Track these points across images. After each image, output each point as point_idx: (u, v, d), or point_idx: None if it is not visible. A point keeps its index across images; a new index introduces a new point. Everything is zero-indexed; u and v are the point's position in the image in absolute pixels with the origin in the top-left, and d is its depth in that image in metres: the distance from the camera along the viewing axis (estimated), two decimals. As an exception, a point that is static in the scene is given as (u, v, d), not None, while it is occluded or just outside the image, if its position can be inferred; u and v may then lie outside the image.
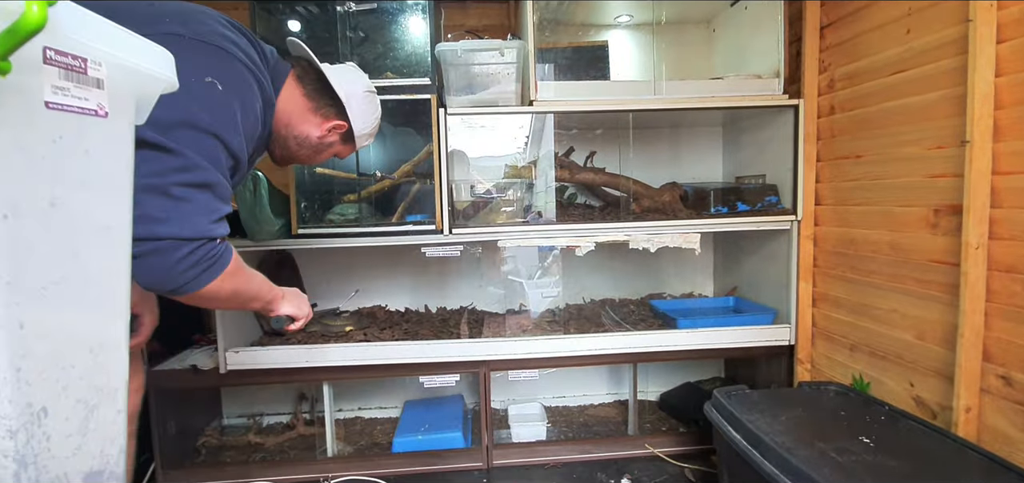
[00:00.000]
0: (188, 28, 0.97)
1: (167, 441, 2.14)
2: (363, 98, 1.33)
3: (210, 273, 0.99)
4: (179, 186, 0.92)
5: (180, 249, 0.93)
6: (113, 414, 0.51)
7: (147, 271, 0.92)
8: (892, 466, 1.27)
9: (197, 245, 0.96)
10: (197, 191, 0.95)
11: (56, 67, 0.41)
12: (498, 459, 2.16)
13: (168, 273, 0.93)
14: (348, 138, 1.35)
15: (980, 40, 1.41)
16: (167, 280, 0.94)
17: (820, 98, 2.10)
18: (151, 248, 0.90)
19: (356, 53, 2.07)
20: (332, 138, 1.32)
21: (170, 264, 0.93)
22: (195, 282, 0.97)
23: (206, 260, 0.98)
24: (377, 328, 2.29)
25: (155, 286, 0.95)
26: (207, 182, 0.96)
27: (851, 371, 1.95)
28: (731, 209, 2.20)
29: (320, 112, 1.28)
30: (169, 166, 0.91)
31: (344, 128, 1.32)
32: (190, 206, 0.94)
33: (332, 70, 1.29)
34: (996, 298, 1.43)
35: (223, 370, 2.05)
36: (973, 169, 1.44)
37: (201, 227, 0.96)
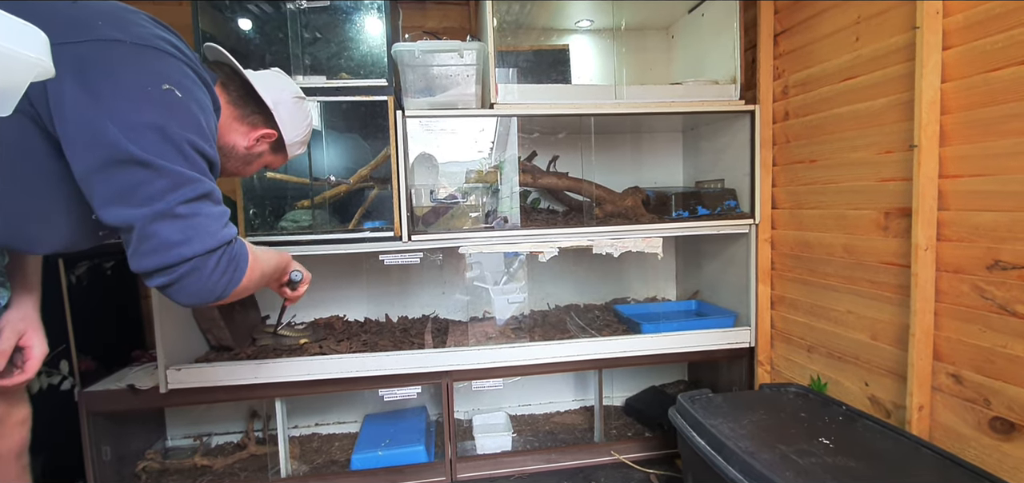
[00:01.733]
0: (127, 32, 0.89)
1: (102, 468, 1.98)
2: (292, 104, 1.27)
3: (240, 271, 1.01)
4: (182, 204, 0.91)
5: (209, 261, 0.95)
6: None
7: (188, 292, 0.95)
8: (851, 467, 1.28)
9: (221, 252, 0.97)
10: (199, 204, 0.94)
11: None
12: (462, 472, 2.10)
13: (207, 286, 0.96)
14: (278, 147, 1.29)
15: (927, 47, 1.45)
16: (208, 293, 0.97)
17: (775, 104, 2.14)
18: (187, 269, 0.92)
19: (308, 53, 1.98)
20: (261, 148, 1.25)
21: (206, 277, 0.95)
22: (231, 284, 1.00)
23: (233, 261, 1.00)
24: (334, 340, 2.19)
25: (197, 302, 0.98)
26: (202, 193, 0.95)
27: (809, 372, 1.98)
28: (692, 213, 2.22)
29: (247, 121, 1.21)
30: (162, 187, 0.89)
31: (273, 137, 1.25)
32: (201, 219, 0.94)
33: (257, 76, 1.22)
34: (945, 298, 1.47)
35: (164, 389, 1.91)
36: (921, 173, 1.48)
37: (219, 234, 0.97)
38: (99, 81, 0.84)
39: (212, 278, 0.96)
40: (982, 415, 1.38)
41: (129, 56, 0.88)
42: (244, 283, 1.03)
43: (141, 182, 0.87)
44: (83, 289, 2.07)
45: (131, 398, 1.95)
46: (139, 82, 0.88)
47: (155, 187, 0.88)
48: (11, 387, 1.05)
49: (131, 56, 0.88)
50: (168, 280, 0.92)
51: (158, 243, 0.89)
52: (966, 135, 1.41)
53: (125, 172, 0.86)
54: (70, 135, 0.84)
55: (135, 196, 0.87)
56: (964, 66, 1.41)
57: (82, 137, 0.84)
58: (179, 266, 0.91)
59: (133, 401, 1.95)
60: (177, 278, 0.92)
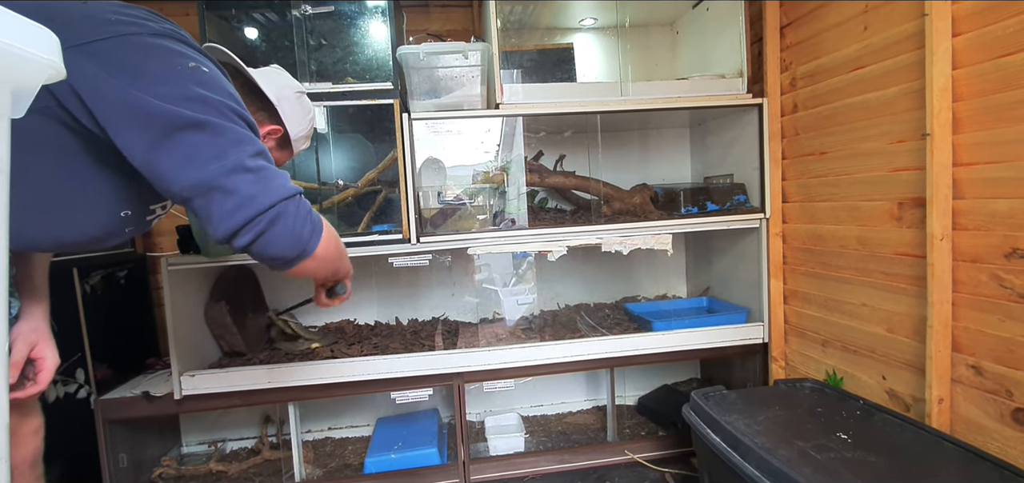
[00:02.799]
0: (142, 27, 0.89)
1: (119, 475, 2.00)
2: (294, 99, 1.27)
3: (318, 223, 0.97)
4: (250, 158, 0.88)
5: (290, 206, 0.91)
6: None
7: (278, 240, 0.90)
8: (871, 461, 1.26)
9: (298, 200, 0.94)
10: (261, 158, 0.91)
11: None
12: (475, 474, 2.10)
13: (295, 233, 0.92)
14: (284, 143, 1.28)
15: (937, 34, 1.43)
16: (296, 241, 0.92)
17: (783, 96, 2.12)
18: (274, 215, 0.88)
19: (314, 58, 1.99)
20: (267, 144, 1.24)
21: (292, 224, 0.91)
22: (314, 234, 0.96)
23: (309, 212, 0.96)
24: (345, 343, 2.19)
25: (287, 252, 0.92)
26: (260, 149, 0.92)
27: (824, 366, 1.96)
28: (701, 209, 2.20)
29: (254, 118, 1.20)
30: (225, 144, 0.87)
31: (279, 132, 1.25)
32: (269, 171, 0.91)
33: (259, 73, 1.22)
34: (963, 288, 1.44)
35: (178, 396, 1.92)
36: (934, 161, 1.46)
37: (288, 184, 0.93)
38: (133, 67, 0.83)
39: (297, 224, 0.92)
40: (1004, 406, 1.35)
41: (151, 44, 0.88)
42: (325, 240, 0.98)
43: (204, 143, 0.85)
44: (97, 298, 2.09)
45: (146, 405, 1.96)
46: (169, 63, 0.87)
47: (219, 145, 0.86)
48: (25, 399, 1.05)
49: (153, 44, 0.88)
50: (256, 233, 0.88)
51: (241, 198, 0.86)
52: (979, 121, 1.39)
53: (186, 136, 0.84)
54: (120, 122, 0.83)
55: (203, 156, 0.85)
56: (975, 52, 1.39)
57: (133, 119, 0.83)
58: (265, 214, 0.87)
59: (148, 408, 1.97)
60: (265, 228, 0.88)
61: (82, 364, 2.01)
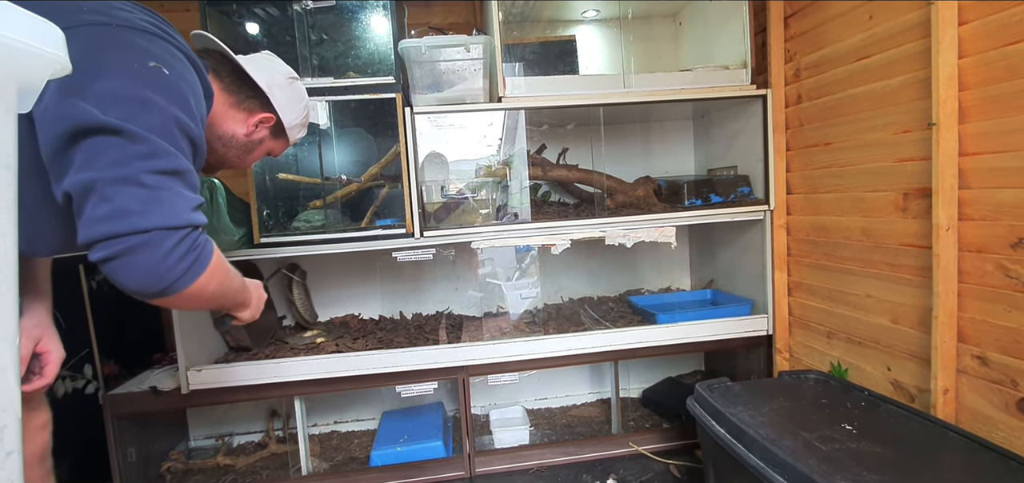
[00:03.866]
0: (111, 16, 0.87)
1: (127, 469, 2.02)
2: (286, 86, 1.23)
3: (199, 265, 0.90)
4: (150, 174, 0.83)
5: (168, 239, 0.84)
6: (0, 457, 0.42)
7: (135, 270, 0.82)
8: (877, 452, 1.26)
9: (184, 234, 0.87)
10: (169, 179, 0.86)
11: None
12: (481, 466, 2.11)
13: (158, 269, 0.84)
14: (278, 131, 1.26)
15: (942, 22, 1.42)
16: (157, 278, 0.85)
17: (787, 87, 2.11)
18: (139, 242, 0.81)
19: (316, 53, 1.99)
20: (261, 133, 1.22)
21: (160, 258, 0.84)
22: (186, 277, 0.88)
23: (193, 250, 0.89)
24: (350, 338, 2.20)
25: (142, 287, 0.85)
26: (177, 169, 0.87)
27: (829, 358, 1.95)
28: (705, 201, 2.20)
29: (243, 106, 1.18)
30: (133, 153, 0.82)
31: (272, 120, 1.22)
32: (168, 194, 0.85)
33: (248, 60, 1.19)
34: (968, 279, 1.44)
35: (185, 390, 1.94)
36: (940, 151, 1.45)
37: (185, 214, 0.87)
38: (83, 62, 0.78)
39: (168, 261, 0.84)
40: (1010, 397, 1.35)
41: (115, 37, 0.85)
42: (202, 283, 0.92)
43: (110, 147, 0.80)
44: (104, 295, 2.11)
45: (153, 400, 1.98)
46: (125, 61, 0.84)
47: (125, 152, 0.81)
48: (31, 393, 1.06)
49: (117, 37, 0.85)
50: (113, 252, 0.81)
51: (113, 209, 0.80)
52: (986, 111, 1.38)
53: (92, 140, 0.79)
54: (43, 116, 0.80)
55: (100, 160, 0.80)
56: (981, 40, 1.38)
57: (53, 115, 0.79)
58: (130, 237, 0.80)
59: (155, 403, 1.98)
60: (124, 250, 0.81)
61: (90, 360, 2.02)
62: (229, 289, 1.06)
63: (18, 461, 0.41)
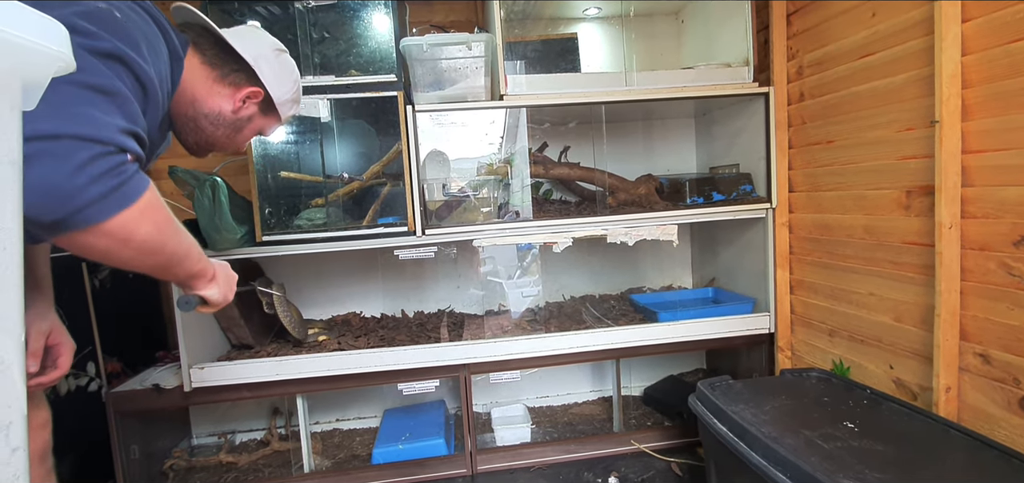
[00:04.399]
0: None
1: (131, 467, 2.02)
2: (273, 58, 1.17)
3: (122, 196, 0.75)
4: (75, 86, 0.71)
5: (80, 151, 0.69)
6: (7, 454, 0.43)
7: (36, 183, 0.66)
8: (878, 450, 1.26)
9: (104, 151, 0.73)
10: (96, 94, 0.74)
11: None
12: (482, 464, 2.11)
13: (62, 186, 0.68)
14: (268, 108, 1.20)
15: (946, 19, 1.42)
16: (59, 198, 0.69)
17: (789, 85, 2.11)
18: (41, 149, 0.66)
19: (317, 51, 1.99)
20: (249, 110, 1.16)
21: (66, 173, 0.68)
22: (102, 204, 0.72)
23: (115, 175, 0.74)
24: (352, 336, 2.21)
25: (40, 211, 0.68)
26: (105, 87, 0.76)
27: (831, 356, 1.95)
28: (707, 199, 2.19)
29: (227, 80, 1.12)
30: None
31: (260, 95, 1.16)
32: (91, 108, 0.73)
33: (231, 32, 1.14)
34: (971, 277, 1.43)
35: (188, 388, 1.94)
36: (943, 149, 1.44)
37: (108, 131, 0.73)
38: None
39: (76, 180, 0.69)
40: (1012, 395, 1.34)
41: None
42: (127, 222, 0.77)
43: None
44: (107, 292, 2.11)
45: (156, 397, 1.98)
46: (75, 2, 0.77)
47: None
48: (47, 384, 1.07)
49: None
50: None
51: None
52: (989, 109, 1.38)
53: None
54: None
55: None
56: (984, 38, 1.38)
57: None
58: (35, 141, 0.66)
59: (158, 400, 1.99)
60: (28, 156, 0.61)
61: (92, 357, 2.03)
62: (174, 247, 0.91)
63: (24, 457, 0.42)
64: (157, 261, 0.89)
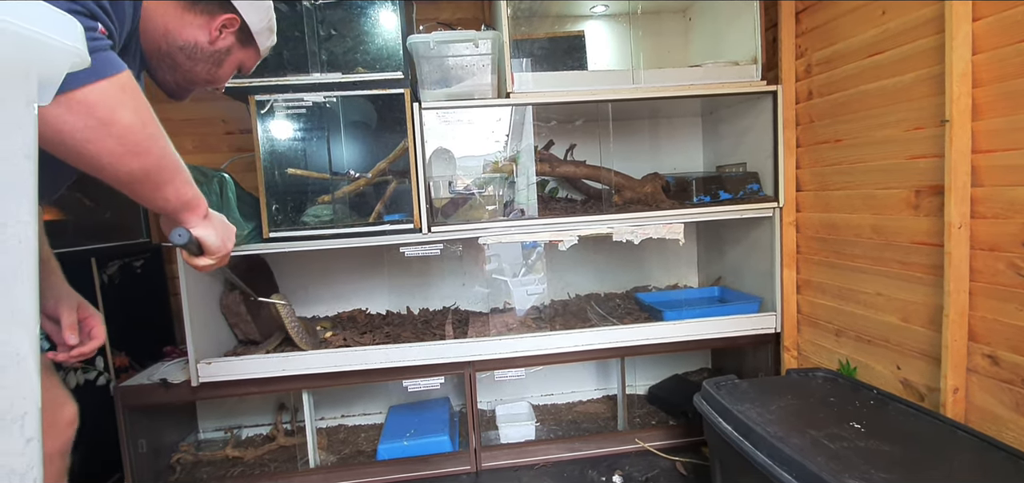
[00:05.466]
0: None
1: (139, 460, 2.04)
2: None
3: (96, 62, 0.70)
4: None
5: None
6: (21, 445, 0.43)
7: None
8: (885, 450, 1.26)
9: (72, 7, 0.69)
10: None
11: None
12: (487, 461, 2.11)
13: None
14: (246, 38, 1.15)
15: (956, 18, 1.41)
16: None
17: (798, 83, 2.09)
18: None
19: (325, 48, 1.99)
20: (226, 40, 1.11)
21: None
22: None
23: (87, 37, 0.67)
24: (357, 332, 2.22)
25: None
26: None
27: (838, 356, 1.94)
28: (713, 198, 2.19)
29: (199, 8, 1.06)
30: None
31: (236, 23, 1.11)
32: None
33: None
34: (980, 277, 1.42)
35: (195, 383, 1.96)
36: (953, 148, 1.43)
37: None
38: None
39: None
40: (1020, 396, 1.33)
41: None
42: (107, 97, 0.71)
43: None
44: (115, 287, 2.13)
45: (164, 392, 2.00)
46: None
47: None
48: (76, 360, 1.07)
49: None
50: None
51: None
52: (999, 108, 1.36)
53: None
54: None
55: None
56: (995, 36, 1.36)
57: None
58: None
59: (166, 395, 2.01)
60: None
61: (101, 351, 2.05)
62: (162, 152, 0.85)
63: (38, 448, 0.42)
64: (143, 165, 0.82)
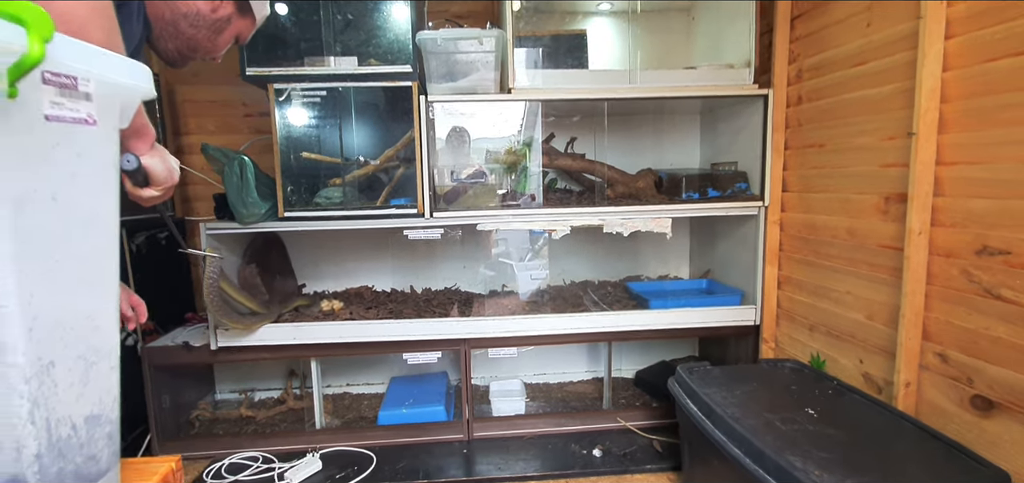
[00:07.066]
0: None
1: (162, 415, 2.24)
2: None
3: None
4: None
5: None
6: (107, 370, 0.61)
7: None
8: (830, 434, 1.38)
9: None
10: None
11: (52, 86, 0.50)
12: (478, 431, 2.28)
13: None
14: (244, 9, 1.23)
15: (929, 35, 1.49)
16: None
17: (789, 88, 2.18)
18: None
19: (339, 40, 2.12)
20: (225, 9, 1.19)
21: None
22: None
23: None
24: (363, 307, 2.38)
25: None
26: None
27: (810, 349, 2.06)
28: (702, 195, 2.29)
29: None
30: None
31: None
32: None
33: None
34: (936, 281, 1.53)
35: (214, 347, 2.14)
36: (918, 160, 1.53)
37: None
38: None
39: None
40: (964, 393, 1.45)
41: None
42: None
43: None
44: (142, 257, 2.31)
45: (186, 354, 2.19)
46: None
47: None
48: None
49: None
50: None
51: None
52: (964, 123, 1.45)
53: None
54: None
55: None
56: (965, 55, 1.45)
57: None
58: None
59: (187, 357, 2.19)
60: None
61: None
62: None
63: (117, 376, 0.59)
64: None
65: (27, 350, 0.51)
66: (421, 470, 2.03)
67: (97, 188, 0.61)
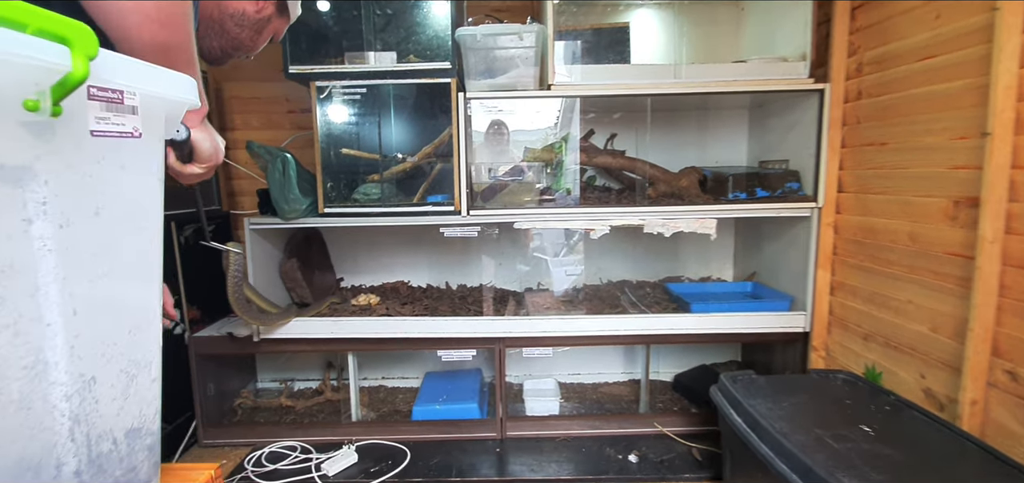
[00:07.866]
0: None
1: (207, 402, 2.32)
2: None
3: None
4: None
5: None
6: (148, 382, 0.62)
7: None
8: (888, 454, 1.30)
9: None
10: None
11: (98, 101, 0.50)
12: (512, 431, 2.26)
13: None
14: (282, 9, 1.27)
15: (1005, 29, 1.37)
16: None
17: (847, 82, 2.06)
18: None
19: (380, 38, 2.13)
20: (268, 9, 1.23)
21: None
22: None
23: None
24: (399, 303, 2.40)
25: None
26: None
27: (864, 360, 1.95)
28: (750, 195, 2.20)
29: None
30: None
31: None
32: None
33: None
34: (1009, 293, 1.41)
35: (256, 338, 2.20)
36: (992, 162, 1.41)
37: None
38: None
39: None
40: (1041, 416, 1.33)
41: None
42: None
43: None
44: (190, 249, 2.39)
45: (230, 344, 2.26)
46: None
47: None
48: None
49: None
50: None
51: None
52: (1046, 123, 1.33)
53: None
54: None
55: None
56: (1050, 48, 1.32)
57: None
58: None
59: (231, 347, 2.26)
60: None
61: (178, 305, 2.32)
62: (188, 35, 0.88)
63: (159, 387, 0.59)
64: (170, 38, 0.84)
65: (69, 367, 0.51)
66: (454, 468, 2.03)
67: (140, 199, 0.61)
